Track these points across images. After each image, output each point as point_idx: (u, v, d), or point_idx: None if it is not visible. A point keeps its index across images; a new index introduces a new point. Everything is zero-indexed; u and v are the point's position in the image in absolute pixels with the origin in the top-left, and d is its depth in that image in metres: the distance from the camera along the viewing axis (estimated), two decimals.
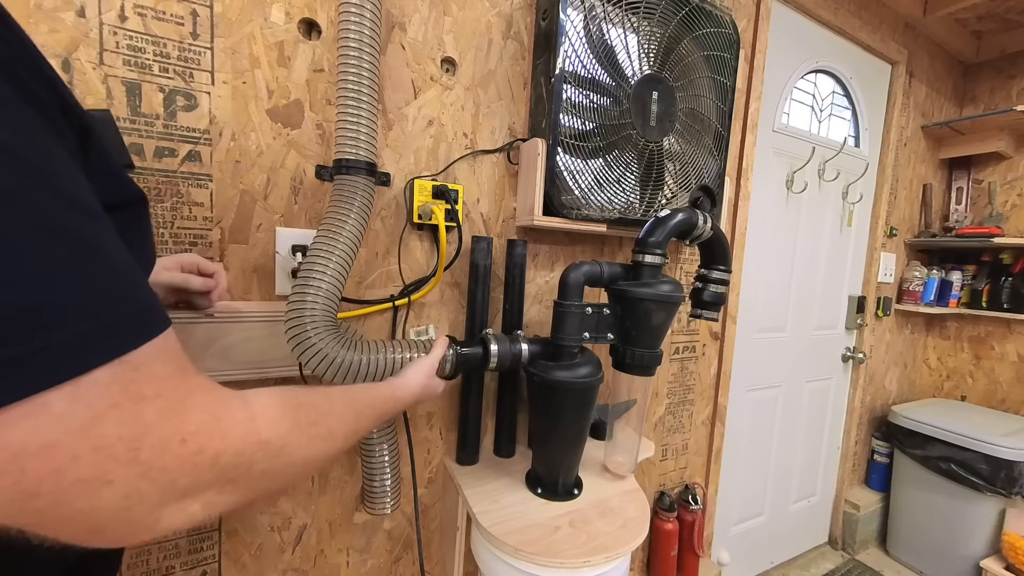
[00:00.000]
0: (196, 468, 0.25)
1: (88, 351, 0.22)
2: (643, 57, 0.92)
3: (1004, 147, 1.86)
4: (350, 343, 0.67)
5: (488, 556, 0.75)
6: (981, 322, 2.00)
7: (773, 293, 1.61)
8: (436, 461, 0.96)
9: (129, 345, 0.23)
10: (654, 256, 0.76)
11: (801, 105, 1.58)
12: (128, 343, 0.23)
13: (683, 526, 1.34)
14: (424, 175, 0.87)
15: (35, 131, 0.22)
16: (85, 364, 0.21)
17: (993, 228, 1.82)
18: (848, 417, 1.94)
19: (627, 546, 0.72)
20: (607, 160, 0.93)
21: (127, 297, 0.24)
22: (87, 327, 0.22)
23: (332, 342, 0.64)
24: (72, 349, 0.21)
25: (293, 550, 0.83)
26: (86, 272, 0.22)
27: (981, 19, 1.80)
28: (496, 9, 0.91)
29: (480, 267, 0.87)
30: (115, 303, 0.23)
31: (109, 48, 0.63)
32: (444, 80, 0.88)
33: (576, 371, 0.75)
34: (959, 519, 1.69)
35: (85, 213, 0.23)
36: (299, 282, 0.64)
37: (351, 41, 0.69)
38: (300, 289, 0.64)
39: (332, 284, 0.65)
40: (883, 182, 1.81)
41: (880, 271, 1.87)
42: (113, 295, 0.23)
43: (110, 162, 0.31)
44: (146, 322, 0.25)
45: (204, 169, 0.70)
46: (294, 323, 0.62)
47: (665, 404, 1.33)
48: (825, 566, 1.88)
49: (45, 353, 0.20)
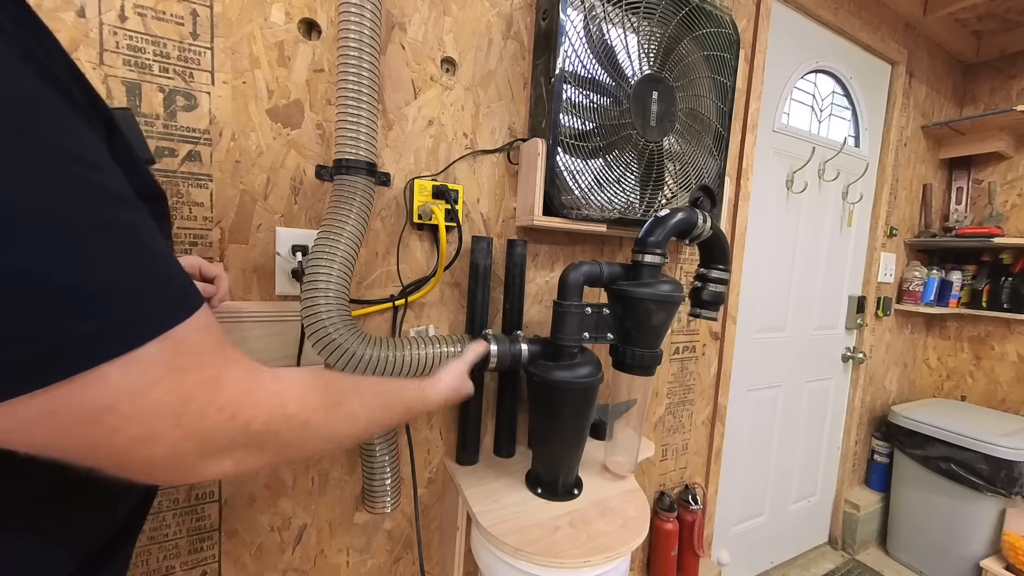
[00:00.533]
0: (229, 432, 0.29)
1: (139, 329, 0.25)
2: (643, 57, 0.92)
3: (1004, 147, 1.86)
4: (373, 341, 0.69)
5: (488, 556, 0.75)
6: (981, 322, 2.00)
7: (773, 293, 1.61)
8: (436, 461, 0.96)
9: (172, 322, 0.26)
10: (654, 256, 0.76)
11: (801, 105, 1.58)
12: (171, 320, 0.26)
13: (683, 526, 1.34)
14: (424, 175, 0.87)
15: (78, 132, 0.24)
16: (137, 339, 0.24)
17: (993, 228, 1.82)
18: (848, 417, 1.94)
19: (627, 546, 0.72)
20: (607, 160, 0.93)
21: (167, 279, 0.27)
22: (138, 308, 0.25)
23: (355, 340, 0.66)
24: (127, 327, 0.24)
25: (293, 550, 0.83)
26: (134, 259, 0.25)
27: (981, 19, 1.80)
28: (496, 9, 0.91)
29: (480, 267, 0.87)
30: (158, 285, 0.26)
31: (109, 48, 0.63)
32: (444, 80, 0.88)
33: (576, 371, 0.75)
34: (959, 519, 1.69)
35: (126, 203, 0.26)
36: (306, 285, 0.65)
37: (351, 41, 0.69)
38: (309, 292, 0.65)
39: (339, 284, 0.66)
40: (883, 182, 1.81)
41: (880, 271, 1.87)
42: (156, 278, 0.26)
43: (134, 157, 0.34)
44: (185, 300, 0.28)
45: (204, 169, 0.70)
46: (313, 324, 0.64)
47: (665, 404, 1.33)
48: (825, 566, 1.88)
49: (104, 331, 0.23)
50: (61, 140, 0.23)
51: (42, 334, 0.21)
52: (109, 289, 0.23)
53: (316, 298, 0.64)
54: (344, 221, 0.68)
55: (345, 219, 0.68)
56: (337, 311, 0.65)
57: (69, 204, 0.22)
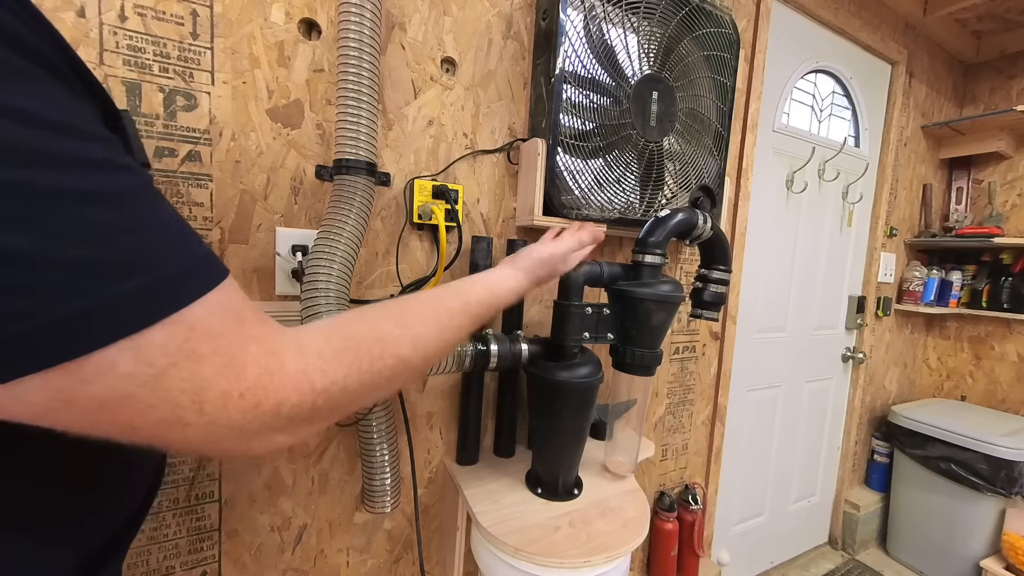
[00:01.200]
0: (259, 418, 0.27)
1: (142, 310, 0.22)
2: (643, 57, 0.92)
3: (1004, 147, 1.86)
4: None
5: (488, 556, 0.75)
6: (981, 322, 2.00)
7: (773, 293, 1.61)
8: (436, 461, 0.96)
9: (182, 302, 0.24)
10: (654, 256, 0.76)
11: (801, 105, 1.58)
12: (181, 300, 0.24)
13: (683, 526, 1.34)
14: (424, 175, 0.87)
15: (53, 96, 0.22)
16: (139, 322, 0.22)
17: (993, 228, 1.82)
18: (848, 417, 1.94)
19: (627, 546, 0.72)
20: (607, 160, 0.93)
21: (175, 252, 0.25)
22: (137, 286, 0.22)
23: None
24: (124, 309, 0.22)
25: (293, 550, 0.83)
26: (131, 230, 0.23)
27: (981, 19, 1.80)
28: (496, 9, 0.91)
29: (480, 267, 0.87)
30: (166, 260, 0.24)
31: (109, 48, 0.63)
32: (444, 80, 0.88)
33: (576, 371, 0.75)
34: (959, 519, 1.69)
35: (118, 169, 0.23)
36: (306, 285, 0.65)
37: (351, 41, 0.69)
38: (310, 292, 0.65)
39: (339, 284, 0.66)
40: (883, 182, 1.81)
41: (880, 271, 1.87)
42: (157, 252, 0.24)
43: (134, 154, 0.32)
44: (199, 277, 0.25)
45: (204, 169, 0.70)
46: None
47: (665, 404, 1.33)
48: (825, 566, 1.88)
49: (98, 313, 0.21)
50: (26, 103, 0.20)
51: (21, 316, 0.19)
52: (100, 265, 0.21)
53: (316, 298, 0.64)
54: (344, 221, 0.68)
55: (345, 219, 0.68)
56: (337, 311, 0.65)
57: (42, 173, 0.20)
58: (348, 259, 0.67)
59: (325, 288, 0.64)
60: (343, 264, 0.66)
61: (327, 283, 0.65)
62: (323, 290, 0.64)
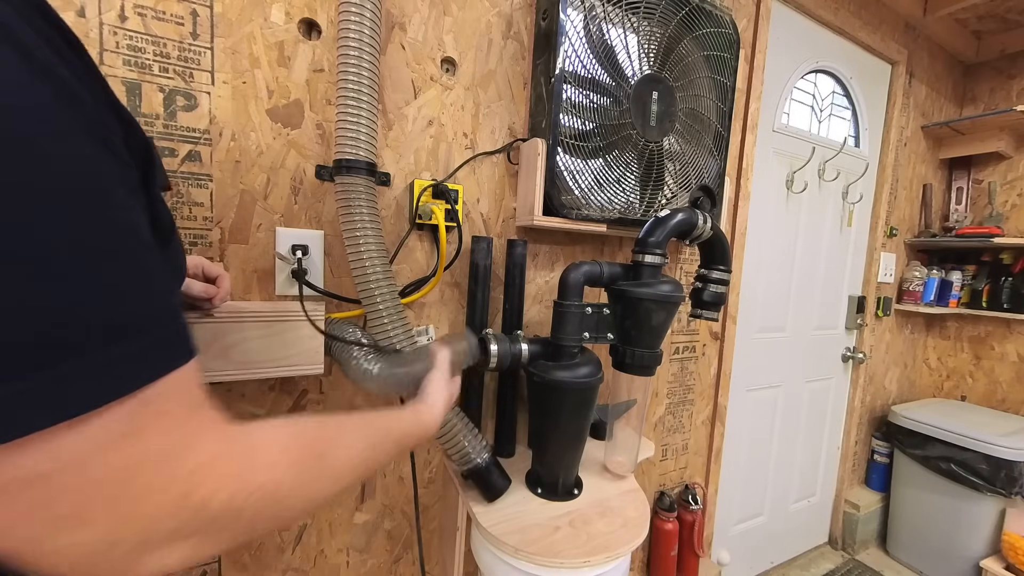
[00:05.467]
0: (179, 513, 0.24)
1: (94, 386, 0.21)
2: (643, 57, 0.92)
3: (1004, 147, 1.85)
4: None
5: (488, 556, 0.75)
6: (981, 322, 2.00)
7: (773, 293, 1.61)
8: (436, 461, 0.96)
9: (139, 381, 0.23)
10: (654, 256, 0.76)
11: (801, 105, 1.58)
12: (138, 378, 0.23)
13: (683, 526, 1.34)
14: (424, 175, 0.87)
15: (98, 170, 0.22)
16: (91, 400, 0.21)
17: (993, 228, 1.82)
18: (848, 417, 1.94)
19: (627, 546, 0.72)
20: (607, 160, 0.93)
21: (141, 327, 0.23)
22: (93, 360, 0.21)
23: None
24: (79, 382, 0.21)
25: (293, 550, 0.83)
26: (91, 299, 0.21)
27: (981, 19, 1.80)
28: (496, 9, 0.91)
29: (480, 267, 0.87)
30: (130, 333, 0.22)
31: (109, 48, 0.63)
32: (444, 80, 0.88)
33: (576, 371, 0.75)
34: (959, 519, 1.69)
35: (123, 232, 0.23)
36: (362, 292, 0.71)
37: (351, 41, 0.69)
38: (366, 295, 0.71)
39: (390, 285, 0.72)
40: (883, 182, 1.81)
41: (880, 271, 1.87)
42: (125, 324, 0.22)
43: (158, 183, 0.31)
44: (161, 355, 0.24)
45: (204, 169, 0.70)
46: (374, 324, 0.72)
47: (665, 404, 1.33)
48: (825, 566, 1.88)
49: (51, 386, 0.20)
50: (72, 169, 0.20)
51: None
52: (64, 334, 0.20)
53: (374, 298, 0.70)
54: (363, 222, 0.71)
55: (363, 220, 0.71)
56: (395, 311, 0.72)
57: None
58: (384, 258, 0.72)
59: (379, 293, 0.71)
60: (383, 263, 0.71)
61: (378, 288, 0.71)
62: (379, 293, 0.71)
